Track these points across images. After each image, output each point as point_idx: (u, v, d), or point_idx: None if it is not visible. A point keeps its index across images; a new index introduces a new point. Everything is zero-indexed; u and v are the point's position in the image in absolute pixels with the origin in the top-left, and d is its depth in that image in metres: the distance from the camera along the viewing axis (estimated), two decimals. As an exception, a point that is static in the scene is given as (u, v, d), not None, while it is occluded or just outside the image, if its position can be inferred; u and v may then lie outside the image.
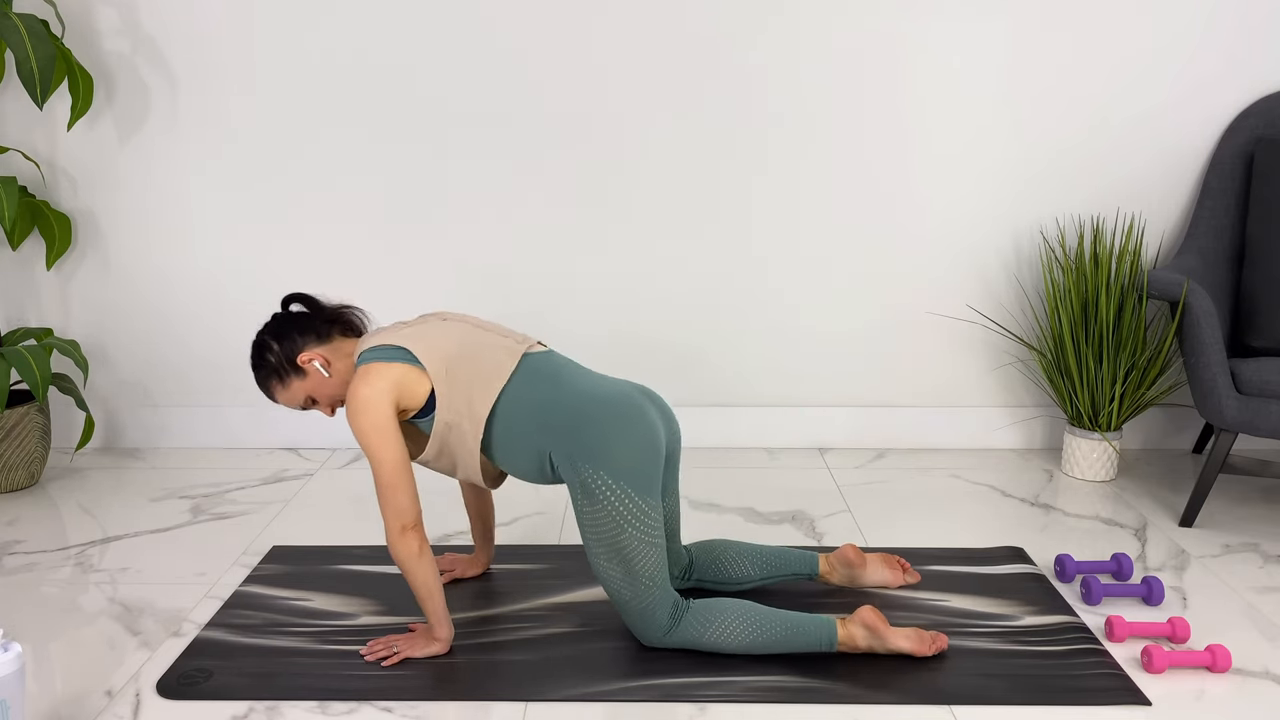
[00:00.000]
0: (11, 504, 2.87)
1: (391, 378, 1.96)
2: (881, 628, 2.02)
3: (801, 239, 3.18)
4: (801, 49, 3.04)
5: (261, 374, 2.10)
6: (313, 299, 2.15)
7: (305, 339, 2.07)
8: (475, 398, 1.99)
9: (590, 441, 1.95)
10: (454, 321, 2.09)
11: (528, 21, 3.02)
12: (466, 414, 1.99)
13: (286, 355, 2.07)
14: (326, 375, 2.07)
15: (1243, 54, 3.04)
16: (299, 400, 2.10)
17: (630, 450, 1.95)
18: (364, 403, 1.93)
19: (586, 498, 1.95)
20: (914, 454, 3.28)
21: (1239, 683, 2.02)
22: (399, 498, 1.95)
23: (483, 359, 2.01)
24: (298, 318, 2.11)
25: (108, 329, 3.24)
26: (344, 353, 2.09)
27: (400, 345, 1.99)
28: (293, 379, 2.08)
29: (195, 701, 1.94)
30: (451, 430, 2.01)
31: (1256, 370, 2.60)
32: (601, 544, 1.97)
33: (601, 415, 1.97)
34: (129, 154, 3.11)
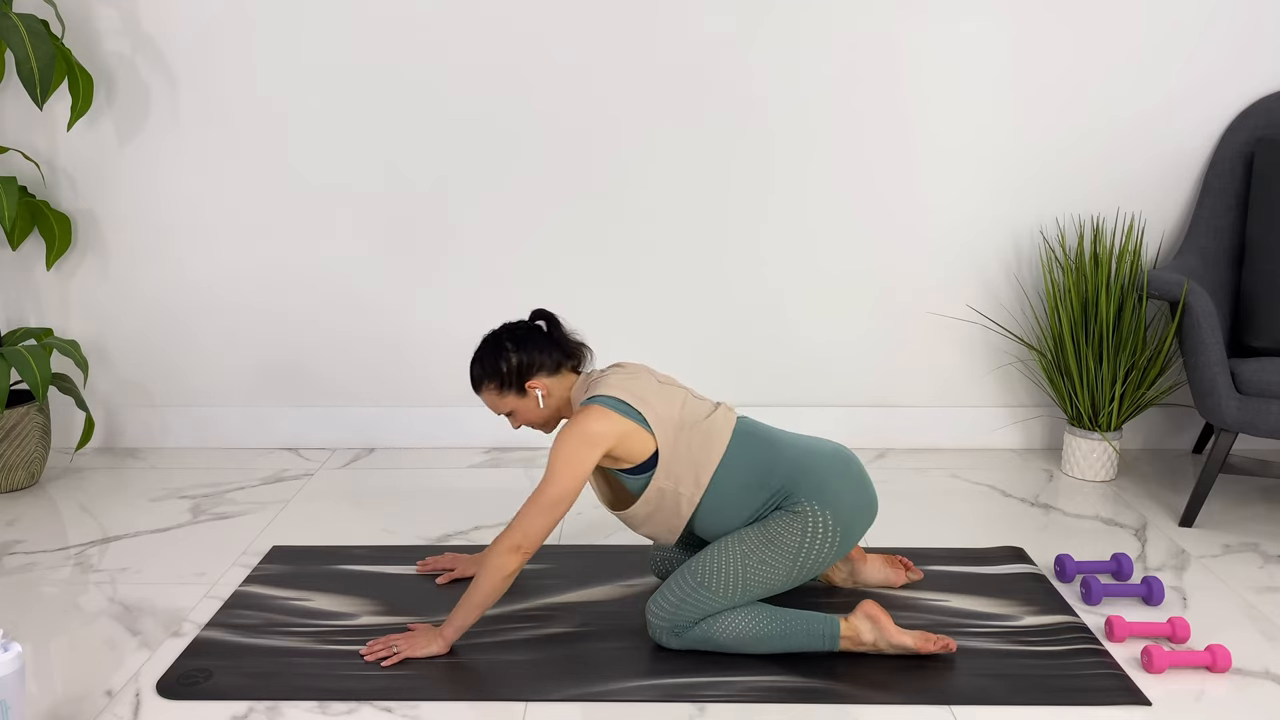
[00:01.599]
0: (11, 504, 2.87)
1: (619, 428, 1.98)
2: (885, 620, 2.03)
3: (802, 239, 3.18)
4: (801, 49, 3.04)
5: (484, 371, 2.10)
6: (557, 322, 2.15)
7: (542, 362, 2.09)
8: (699, 466, 2.03)
9: (817, 482, 2.01)
10: (671, 387, 2.10)
11: (529, 21, 3.02)
12: (687, 481, 2.03)
13: (519, 371, 2.09)
14: (541, 406, 2.11)
15: (1243, 54, 3.04)
16: (503, 409, 2.13)
17: (851, 498, 2.03)
18: (583, 434, 1.96)
19: (791, 518, 2.00)
20: (914, 454, 3.28)
21: (1239, 683, 2.02)
22: (542, 522, 1.96)
23: (705, 429, 2.05)
24: (540, 336, 2.12)
25: (108, 329, 3.24)
26: (564, 386, 2.13)
27: (632, 405, 2.01)
28: (512, 393, 2.10)
29: (195, 701, 1.94)
30: (666, 495, 2.04)
31: (1256, 370, 2.60)
32: (762, 546, 2.00)
33: (826, 465, 2.04)
34: (129, 154, 3.11)
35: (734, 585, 2.00)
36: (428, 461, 3.19)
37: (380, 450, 3.29)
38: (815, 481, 2.02)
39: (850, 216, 3.16)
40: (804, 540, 2.00)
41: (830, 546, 2.02)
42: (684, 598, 2.03)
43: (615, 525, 2.73)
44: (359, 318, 3.22)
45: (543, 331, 2.13)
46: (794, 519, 2.00)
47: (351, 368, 3.26)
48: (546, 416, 2.15)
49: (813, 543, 2.00)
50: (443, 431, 3.30)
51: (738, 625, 2.02)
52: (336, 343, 3.24)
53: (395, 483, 3.03)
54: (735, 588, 2.01)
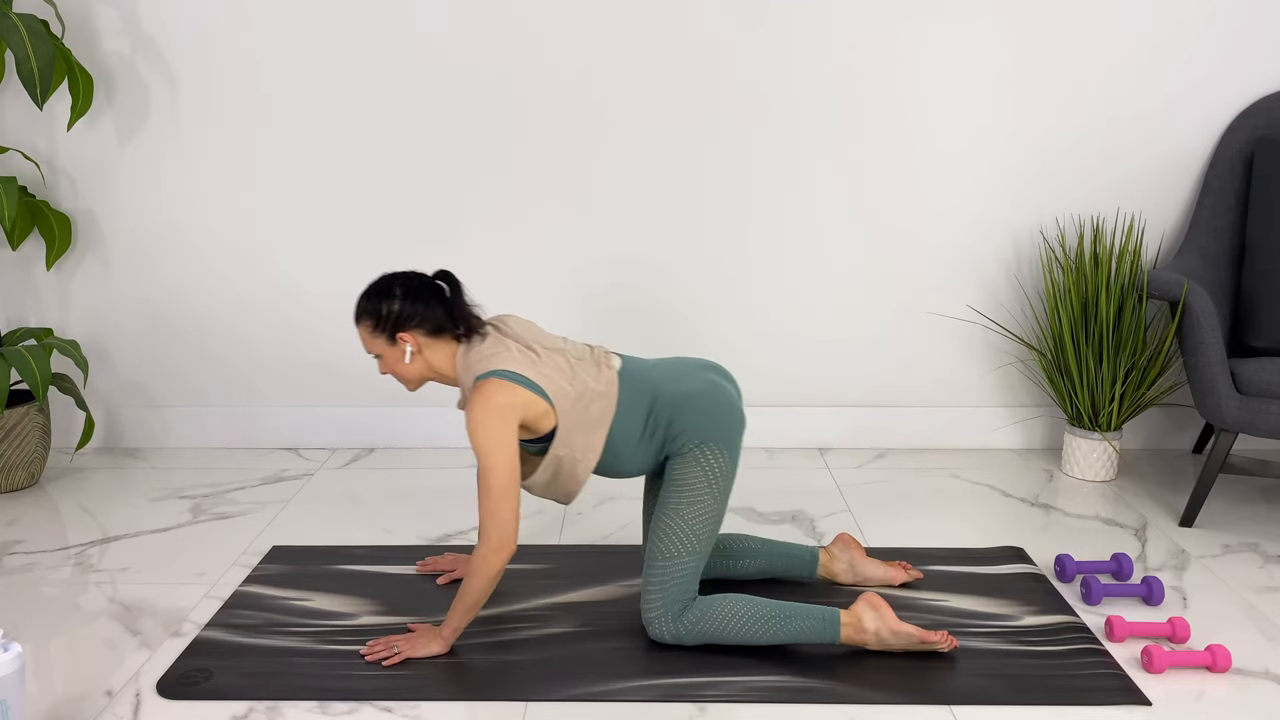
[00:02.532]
0: (11, 504, 2.87)
1: (523, 400, 2.00)
2: (886, 608, 2.04)
3: (801, 239, 3.18)
4: (800, 49, 3.04)
5: (367, 306, 2.10)
6: (458, 288, 2.13)
7: (422, 319, 2.08)
8: (592, 433, 2.08)
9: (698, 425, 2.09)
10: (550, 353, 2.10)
11: (529, 22, 3.02)
12: (583, 448, 2.08)
13: (395, 319, 2.08)
14: (406, 360, 2.10)
15: (1242, 54, 3.04)
16: (371, 350, 2.13)
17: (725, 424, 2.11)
18: (497, 410, 1.97)
19: (688, 462, 2.08)
20: (914, 454, 3.28)
21: (1239, 683, 2.02)
22: (506, 511, 1.98)
23: (596, 394, 2.08)
24: (434, 294, 2.10)
25: (108, 329, 3.24)
26: (441, 352, 2.11)
27: (529, 378, 2.02)
28: (382, 337, 2.10)
29: (195, 701, 1.94)
30: (564, 463, 2.09)
31: (1256, 370, 2.60)
32: (680, 495, 2.07)
33: (704, 405, 2.10)
34: (129, 154, 3.11)
35: (690, 544, 2.07)
36: (428, 461, 3.19)
37: (380, 450, 3.29)
38: (690, 417, 2.09)
39: (850, 217, 3.16)
40: (707, 475, 2.08)
41: (727, 464, 2.10)
42: (662, 579, 2.06)
43: (615, 525, 2.73)
44: (359, 318, 3.22)
45: (438, 291, 2.11)
46: (687, 462, 2.08)
47: (351, 368, 3.26)
48: (412, 374, 2.12)
49: (714, 471, 2.08)
50: (443, 431, 3.30)
51: (738, 618, 2.03)
52: (336, 343, 3.24)
53: (395, 483, 3.03)
54: (692, 545, 2.07)
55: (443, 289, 2.12)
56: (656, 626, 2.07)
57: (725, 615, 2.04)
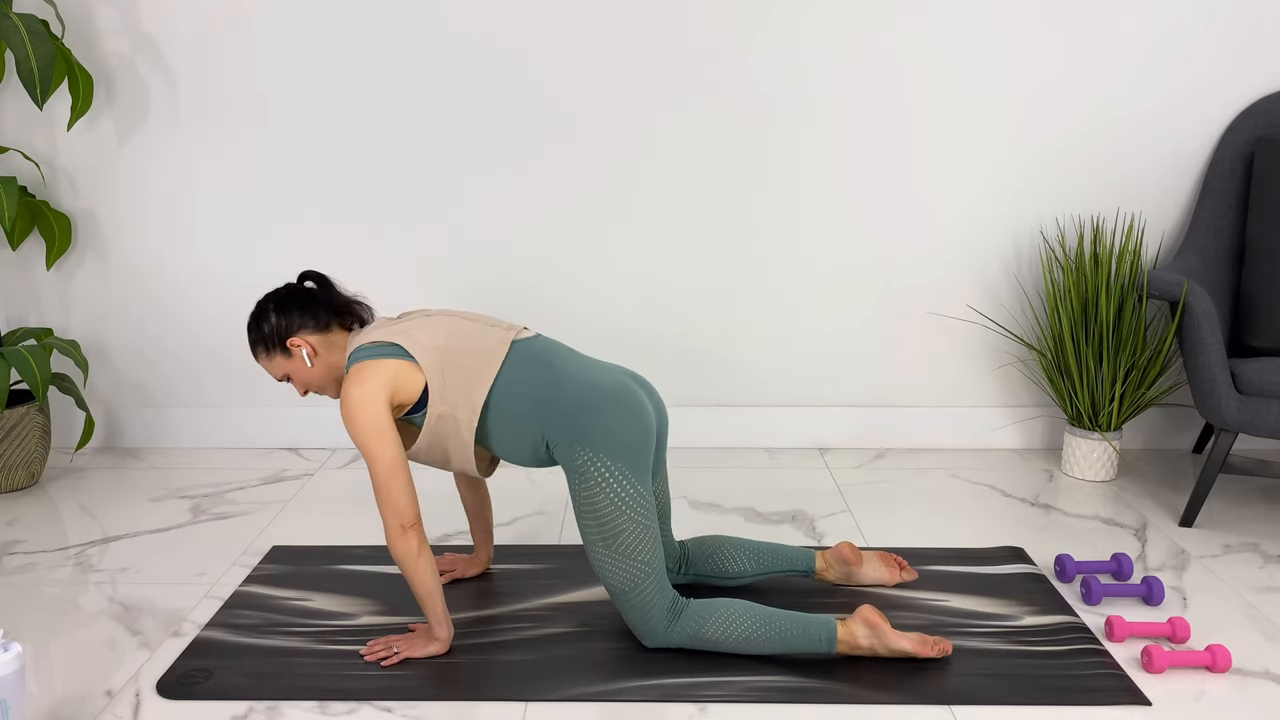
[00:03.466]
0: (11, 504, 2.87)
1: (385, 375, 1.97)
2: (883, 625, 2.02)
3: (802, 239, 3.18)
4: (802, 49, 3.04)
5: (252, 337, 2.11)
6: (327, 283, 2.14)
7: (304, 321, 2.08)
8: (470, 387, 2.00)
9: (586, 426, 1.97)
10: (440, 316, 2.10)
11: (527, 20, 3.02)
12: (461, 404, 2.00)
13: (280, 331, 2.08)
14: (309, 365, 2.09)
15: (1242, 54, 3.04)
16: (278, 374, 2.13)
17: (624, 434, 1.97)
18: (358, 402, 1.94)
19: (583, 480, 1.97)
20: (914, 454, 3.28)
21: (1239, 683, 2.02)
22: (396, 496, 1.95)
23: (474, 349, 2.03)
24: (306, 297, 2.11)
25: (108, 329, 3.24)
26: (336, 345, 2.10)
27: (391, 341, 2.00)
28: (277, 354, 2.10)
29: (195, 701, 1.94)
30: (444, 421, 2.02)
31: (1256, 370, 2.60)
32: (598, 527, 1.98)
33: (596, 400, 1.99)
34: (129, 154, 3.11)
35: (636, 570, 1.99)
36: (428, 461, 3.19)
37: (380, 450, 3.29)
38: (589, 419, 1.97)
39: (850, 216, 3.16)
40: (605, 492, 1.95)
41: (628, 481, 1.96)
42: (620, 596, 2.02)
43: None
44: (359, 318, 3.22)
45: (310, 293, 2.11)
46: (586, 482, 1.96)
47: (351, 368, 3.26)
48: (321, 377, 2.11)
49: (614, 488, 1.95)
50: (443, 431, 3.29)
51: (734, 629, 2.02)
52: (336, 343, 3.24)
53: (395, 483, 3.02)
54: (638, 569, 1.99)
55: (312, 289, 2.12)
56: (646, 641, 2.07)
57: (717, 636, 2.02)
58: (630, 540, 1.98)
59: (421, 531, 1.98)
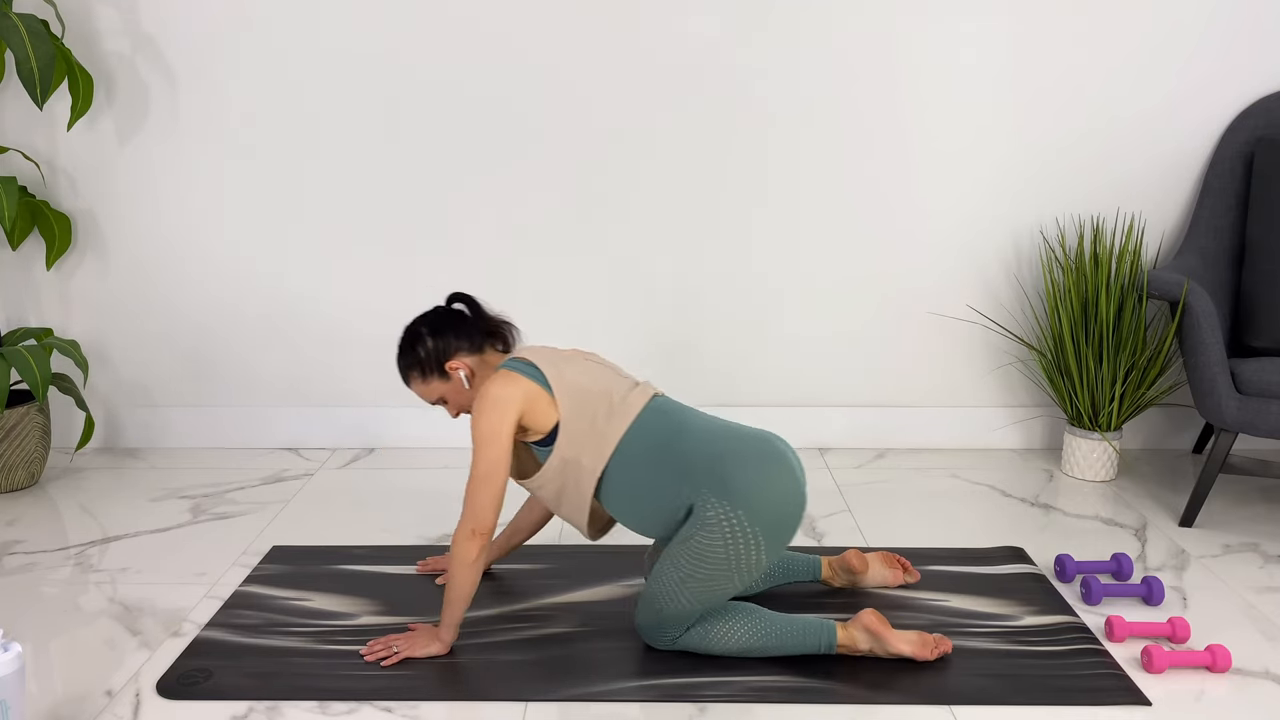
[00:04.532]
0: (11, 504, 2.87)
1: (523, 390, 1.97)
2: (883, 631, 2.02)
3: (802, 239, 3.18)
4: (801, 49, 3.04)
5: (406, 362, 2.10)
6: (476, 303, 2.14)
7: (459, 343, 2.08)
8: (600, 435, 1.97)
9: (734, 480, 1.89)
10: (593, 361, 2.10)
11: (527, 20, 3.02)
12: (589, 450, 1.98)
13: (437, 355, 2.07)
14: (467, 386, 2.09)
15: (1243, 54, 3.04)
16: (433, 397, 2.12)
17: (776, 499, 1.91)
18: (493, 401, 1.95)
19: (709, 530, 1.89)
20: (914, 454, 3.28)
21: (1239, 683, 2.02)
22: (483, 500, 1.95)
23: (609, 395, 2.01)
24: (458, 319, 2.11)
25: (108, 329, 3.24)
26: (489, 365, 2.10)
27: (538, 366, 2.00)
28: (435, 378, 2.09)
29: (195, 701, 1.94)
30: (568, 467, 2.00)
31: (1256, 370, 2.60)
32: (691, 562, 1.92)
33: (744, 451, 1.93)
34: (129, 154, 3.11)
35: (685, 599, 1.96)
36: (428, 461, 3.19)
37: (380, 450, 3.29)
38: (722, 477, 1.89)
39: (850, 217, 3.16)
40: (729, 547, 1.89)
41: (757, 548, 1.90)
42: (652, 619, 2.02)
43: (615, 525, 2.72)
44: (359, 317, 3.22)
45: (461, 314, 2.12)
46: (711, 530, 1.89)
47: (351, 368, 3.26)
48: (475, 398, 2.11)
49: (739, 546, 1.89)
50: (443, 431, 3.29)
51: (734, 635, 2.01)
52: (336, 343, 3.24)
53: (395, 483, 3.02)
54: (688, 601, 1.96)
55: (462, 311, 2.13)
56: (653, 643, 2.07)
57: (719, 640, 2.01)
58: (710, 590, 1.95)
59: (487, 543, 1.98)
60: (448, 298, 2.15)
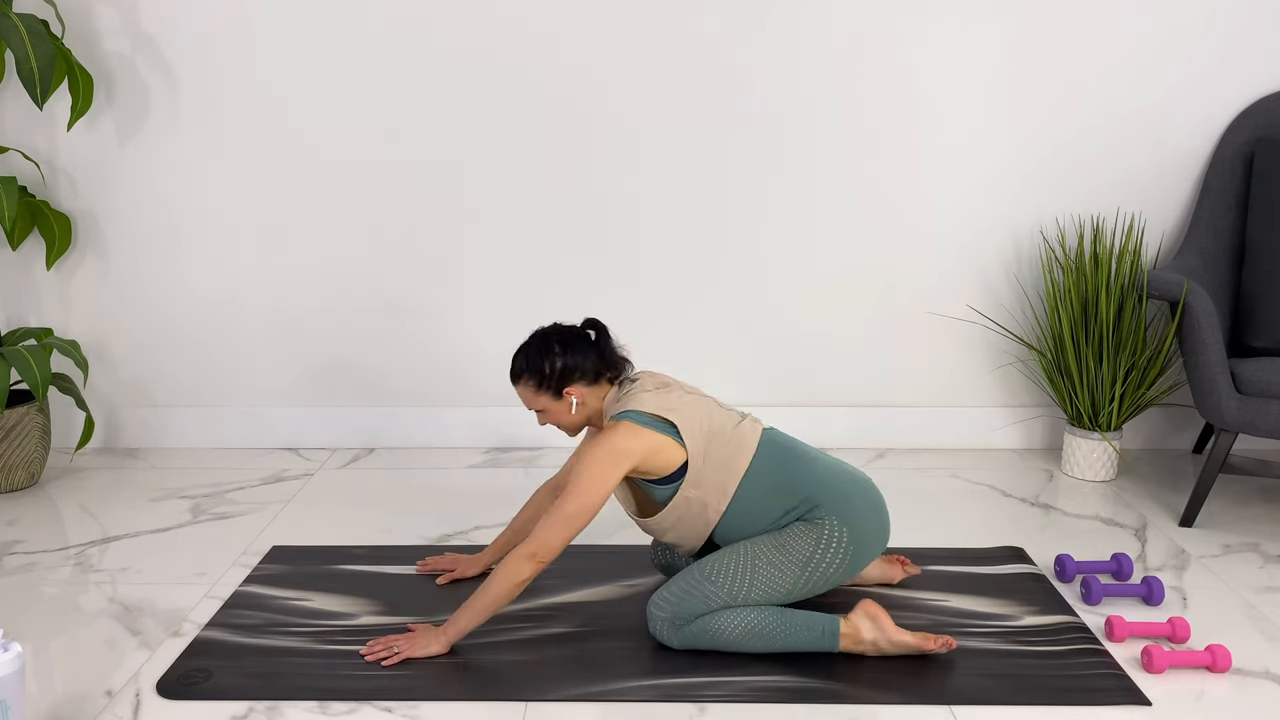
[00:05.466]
0: (11, 504, 2.87)
1: (648, 445, 2.02)
2: (884, 617, 2.03)
3: (802, 239, 3.18)
4: (801, 49, 3.04)
5: (528, 367, 2.12)
6: (605, 334, 2.17)
7: (584, 371, 2.12)
8: (724, 476, 2.06)
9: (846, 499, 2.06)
10: (698, 396, 2.13)
11: (533, 21, 3.02)
12: (712, 490, 2.06)
13: (561, 376, 2.11)
14: (572, 412, 2.13)
15: (1242, 53, 3.04)
16: (535, 406, 2.16)
17: (870, 523, 2.07)
18: (617, 452, 1.99)
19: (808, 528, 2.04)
20: (914, 454, 3.28)
21: (1239, 683, 2.02)
22: (560, 533, 1.99)
23: (731, 437, 2.09)
24: (589, 346, 2.14)
25: (108, 329, 3.24)
26: (598, 396, 2.15)
27: (668, 420, 2.04)
28: (548, 394, 2.12)
29: (195, 701, 1.94)
30: (693, 504, 2.07)
31: (1256, 370, 2.60)
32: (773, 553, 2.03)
33: (857, 488, 2.09)
34: (129, 154, 3.11)
35: (740, 582, 2.03)
36: (428, 461, 3.19)
37: (380, 450, 3.29)
38: (836, 497, 2.06)
39: (850, 217, 3.16)
40: (815, 550, 2.03)
41: (841, 562, 2.05)
42: (689, 590, 2.04)
43: (615, 525, 2.73)
44: (359, 318, 3.22)
45: (590, 340, 2.15)
46: (810, 529, 2.04)
47: (352, 368, 3.26)
48: (575, 423, 2.17)
49: (824, 554, 2.04)
50: (443, 431, 3.29)
51: (737, 621, 2.02)
52: (337, 343, 3.24)
53: (395, 483, 3.03)
54: (740, 585, 2.03)
55: (590, 336, 2.15)
56: (656, 625, 2.08)
57: (723, 629, 2.03)
58: (771, 575, 2.03)
59: (538, 571, 2.01)
60: (584, 321, 2.18)
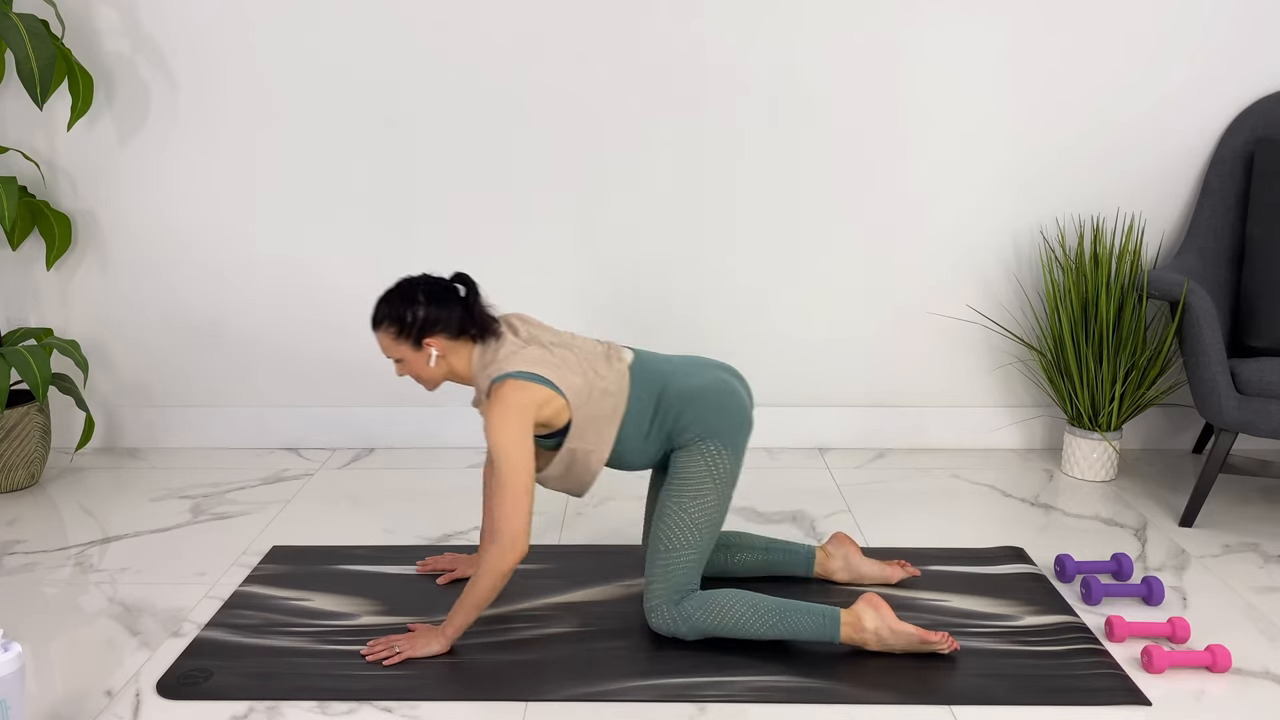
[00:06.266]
0: (11, 504, 2.87)
1: (539, 398, 2.03)
2: (885, 608, 2.04)
3: (802, 239, 3.18)
4: (801, 50, 3.04)
5: (389, 314, 2.10)
6: (474, 290, 2.14)
7: (447, 324, 2.09)
8: (603, 428, 2.10)
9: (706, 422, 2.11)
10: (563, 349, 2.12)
11: (527, 18, 3.02)
12: (595, 442, 2.11)
13: (422, 325, 2.08)
14: (431, 365, 2.12)
15: (1243, 54, 3.04)
16: (393, 355, 2.14)
17: (732, 424, 2.13)
18: (514, 410, 1.99)
19: (694, 459, 2.10)
20: (914, 454, 3.28)
21: (1239, 683, 2.02)
22: (516, 513, 1.99)
23: (605, 391, 2.11)
24: (457, 300, 2.11)
25: (108, 329, 3.24)
26: (460, 353, 2.12)
27: (547, 377, 2.05)
28: (407, 342, 2.10)
29: (195, 701, 1.94)
30: (575, 456, 2.11)
31: (1256, 370, 2.60)
32: (685, 489, 2.09)
33: (714, 401, 2.13)
34: (129, 154, 3.11)
35: (690, 533, 2.09)
36: (428, 461, 3.19)
37: (380, 450, 3.29)
38: (698, 412, 2.11)
39: (850, 217, 3.16)
40: (711, 472, 2.10)
41: (731, 464, 2.12)
42: (666, 568, 2.08)
43: (615, 525, 2.73)
44: (359, 317, 3.22)
45: (457, 295, 2.12)
46: (693, 456, 2.10)
47: (351, 368, 3.26)
48: (434, 376, 2.14)
49: (719, 469, 2.10)
50: (443, 431, 3.30)
51: (738, 608, 2.04)
52: (336, 343, 3.24)
53: (395, 483, 3.03)
54: (692, 535, 2.09)
55: (461, 291, 2.13)
56: (657, 615, 2.08)
57: (724, 606, 2.04)
58: (707, 509, 2.10)
59: (520, 556, 2.01)
60: (453, 275, 2.16)
